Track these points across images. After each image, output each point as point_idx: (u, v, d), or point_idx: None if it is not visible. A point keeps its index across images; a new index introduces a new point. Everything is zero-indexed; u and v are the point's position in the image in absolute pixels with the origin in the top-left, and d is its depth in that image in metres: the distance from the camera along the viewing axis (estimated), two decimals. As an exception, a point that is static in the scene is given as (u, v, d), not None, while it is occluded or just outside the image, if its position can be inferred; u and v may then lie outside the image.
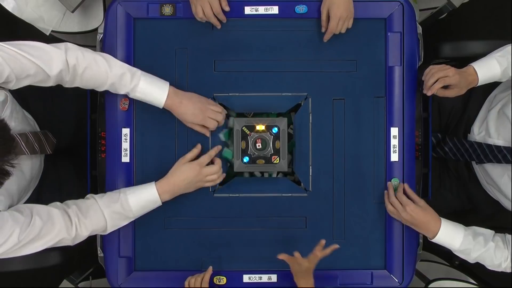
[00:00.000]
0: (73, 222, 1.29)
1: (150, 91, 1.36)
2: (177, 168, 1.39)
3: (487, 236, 1.43)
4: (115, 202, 1.34)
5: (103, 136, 1.50)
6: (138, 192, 1.36)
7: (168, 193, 1.38)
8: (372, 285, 1.50)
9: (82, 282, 1.84)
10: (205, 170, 1.40)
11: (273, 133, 1.49)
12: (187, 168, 1.39)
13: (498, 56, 1.41)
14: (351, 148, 1.49)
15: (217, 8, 1.42)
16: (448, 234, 1.42)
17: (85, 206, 1.32)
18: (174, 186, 1.38)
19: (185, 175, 1.38)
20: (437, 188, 1.67)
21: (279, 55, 1.49)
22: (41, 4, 1.70)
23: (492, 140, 1.50)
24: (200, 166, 1.39)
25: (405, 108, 1.49)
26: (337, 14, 1.41)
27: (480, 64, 1.42)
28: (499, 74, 1.41)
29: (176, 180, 1.38)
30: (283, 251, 1.48)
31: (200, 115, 1.40)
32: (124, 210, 1.34)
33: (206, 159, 1.41)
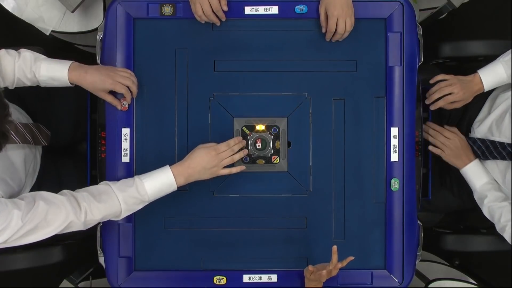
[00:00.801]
0: (82, 206, 1.27)
1: (53, 67, 1.36)
2: (194, 151, 1.38)
3: (508, 196, 1.48)
4: (130, 186, 1.32)
5: (103, 136, 1.50)
6: (154, 176, 1.35)
7: (183, 176, 1.36)
8: (372, 285, 1.50)
9: (82, 282, 1.84)
10: (221, 155, 1.37)
11: (273, 133, 1.49)
12: (202, 151, 1.37)
13: (504, 60, 1.44)
14: (351, 148, 1.49)
15: (216, 6, 1.42)
16: (477, 170, 1.52)
17: (97, 191, 1.31)
18: (189, 169, 1.36)
19: (200, 158, 1.36)
20: (437, 187, 1.67)
21: (279, 55, 1.49)
22: (41, 4, 1.70)
23: (495, 138, 1.50)
24: (216, 151, 1.37)
25: (405, 108, 1.49)
26: (334, 13, 1.41)
27: (486, 71, 1.46)
28: (505, 79, 1.44)
29: (191, 163, 1.36)
30: (283, 251, 1.49)
31: (109, 79, 1.38)
32: (139, 194, 1.33)
33: (224, 147, 1.38)
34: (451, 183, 1.69)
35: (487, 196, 1.48)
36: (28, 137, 1.40)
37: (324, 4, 1.43)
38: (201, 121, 1.49)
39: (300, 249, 1.49)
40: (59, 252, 1.55)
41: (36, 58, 1.36)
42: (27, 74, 1.35)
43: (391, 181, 1.49)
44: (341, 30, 1.43)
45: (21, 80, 1.36)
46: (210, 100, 1.50)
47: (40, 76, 1.36)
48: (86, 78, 1.37)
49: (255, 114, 1.50)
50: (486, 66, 1.48)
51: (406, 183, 1.49)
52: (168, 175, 1.35)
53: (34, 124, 1.47)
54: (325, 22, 1.45)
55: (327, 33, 1.46)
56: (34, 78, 1.36)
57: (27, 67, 1.34)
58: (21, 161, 1.40)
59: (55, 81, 1.37)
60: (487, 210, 1.50)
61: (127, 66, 1.47)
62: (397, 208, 1.50)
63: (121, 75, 1.41)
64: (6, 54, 1.34)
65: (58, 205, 1.24)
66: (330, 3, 1.41)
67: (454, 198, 1.69)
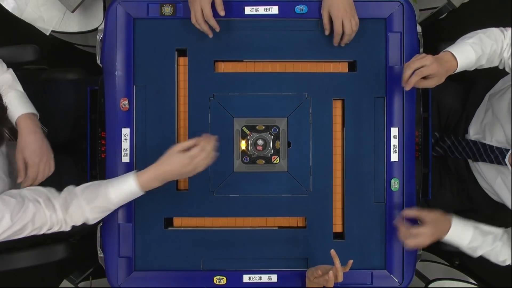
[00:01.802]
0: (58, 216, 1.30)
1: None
2: (168, 157, 1.33)
3: (496, 235, 1.43)
4: (96, 197, 1.32)
5: (103, 136, 1.50)
6: (120, 187, 1.32)
7: (153, 182, 1.33)
8: (372, 285, 1.50)
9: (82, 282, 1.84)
10: (195, 161, 1.32)
11: (273, 133, 1.49)
12: (176, 159, 1.32)
13: (472, 43, 1.35)
14: (351, 148, 1.49)
15: (207, 13, 1.38)
16: (457, 234, 1.41)
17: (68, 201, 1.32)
18: (159, 175, 1.32)
19: (174, 167, 1.32)
20: (437, 188, 1.67)
21: (279, 55, 1.49)
22: (41, 4, 1.70)
23: (486, 141, 1.49)
24: (191, 159, 1.32)
25: (405, 108, 1.49)
26: (338, 15, 1.41)
27: (456, 49, 1.36)
28: (473, 62, 1.36)
29: (163, 170, 1.32)
30: (283, 251, 1.49)
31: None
32: (106, 204, 1.33)
33: (197, 151, 1.32)
34: (450, 184, 1.69)
35: (477, 249, 1.43)
36: None
37: (327, 7, 1.42)
38: (201, 121, 1.49)
39: (300, 249, 1.49)
40: (63, 249, 1.55)
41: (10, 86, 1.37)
42: None
43: (391, 181, 1.49)
44: (349, 31, 1.43)
45: None
46: (210, 100, 1.50)
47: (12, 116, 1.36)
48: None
49: (255, 114, 1.50)
50: (454, 46, 1.38)
51: (406, 183, 1.49)
52: (133, 185, 1.32)
53: None
54: (328, 24, 1.45)
55: (335, 36, 1.45)
56: None
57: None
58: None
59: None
60: (481, 255, 1.46)
61: (127, 66, 1.47)
62: (397, 208, 1.50)
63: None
64: None
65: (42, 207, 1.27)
66: (333, 5, 1.41)
67: (453, 199, 1.69)
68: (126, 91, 1.48)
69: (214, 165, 1.48)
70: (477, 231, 1.42)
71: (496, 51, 1.37)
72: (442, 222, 1.42)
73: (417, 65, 1.31)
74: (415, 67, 1.32)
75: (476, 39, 1.36)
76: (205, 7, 1.38)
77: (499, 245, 1.41)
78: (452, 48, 1.37)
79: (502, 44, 1.37)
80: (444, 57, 1.35)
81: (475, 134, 1.55)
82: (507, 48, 1.37)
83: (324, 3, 1.43)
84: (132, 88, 1.49)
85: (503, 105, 1.44)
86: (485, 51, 1.35)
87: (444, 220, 1.42)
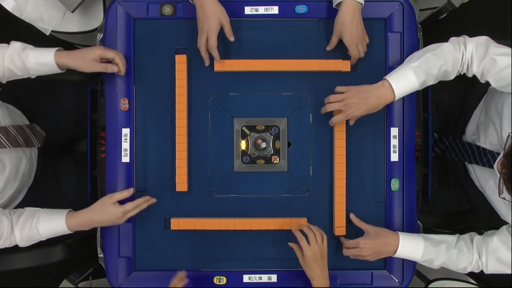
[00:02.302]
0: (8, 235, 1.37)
1: (40, 52, 1.36)
2: (102, 206, 1.40)
3: (450, 243, 1.40)
4: (28, 229, 1.36)
5: (103, 136, 1.50)
6: (50, 223, 1.37)
7: (81, 227, 1.40)
8: (372, 285, 1.50)
9: (82, 282, 1.84)
10: (126, 216, 1.40)
11: (273, 133, 1.49)
12: (111, 211, 1.39)
13: (416, 67, 1.30)
14: (351, 148, 1.49)
15: (212, 44, 1.39)
16: (408, 249, 1.40)
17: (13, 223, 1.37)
18: (91, 221, 1.40)
19: (106, 218, 1.39)
20: (436, 189, 1.67)
21: (279, 55, 1.49)
22: (41, 4, 1.70)
23: (480, 143, 1.49)
24: (124, 213, 1.39)
25: (405, 108, 1.49)
26: (352, 41, 1.41)
27: (396, 77, 1.32)
28: (416, 87, 1.32)
29: (94, 219, 1.39)
30: (283, 251, 1.49)
31: (98, 47, 1.40)
32: (34, 235, 1.37)
33: (131, 208, 1.40)
34: (449, 184, 1.68)
35: (433, 261, 1.41)
36: (20, 140, 1.40)
37: (339, 31, 1.42)
38: (201, 121, 1.49)
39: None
40: (60, 251, 1.55)
41: (24, 47, 1.37)
42: (16, 63, 1.35)
43: (391, 181, 1.49)
44: (362, 54, 1.44)
45: (12, 70, 1.36)
46: (210, 100, 1.50)
47: (28, 63, 1.36)
48: (75, 51, 1.39)
49: (255, 114, 1.50)
50: (393, 72, 1.33)
51: (406, 183, 1.49)
52: (62, 225, 1.38)
53: (28, 126, 1.47)
54: (334, 44, 1.46)
55: (352, 60, 1.46)
56: (24, 66, 1.36)
57: (15, 55, 1.35)
58: (13, 164, 1.40)
59: (43, 66, 1.37)
60: (442, 267, 1.45)
61: (127, 66, 1.47)
62: (397, 208, 1.50)
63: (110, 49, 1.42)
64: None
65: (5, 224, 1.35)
66: (346, 31, 1.41)
67: (452, 200, 1.68)
68: (126, 91, 1.48)
69: (214, 165, 1.49)
70: (428, 243, 1.40)
71: (448, 70, 1.32)
72: (386, 237, 1.41)
73: (333, 109, 1.37)
74: (329, 110, 1.38)
75: (422, 61, 1.31)
76: (211, 37, 1.38)
77: (454, 253, 1.39)
78: (392, 76, 1.33)
79: (455, 60, 1.32)
80: (378, 91, 1.33)
81: (471, 135, 1.55)
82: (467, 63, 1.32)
83: (337, 26, 1.42)
84: (132, 88, 1.49)
85: (494, 104, 1.43)
86: (431, 73, 1.31)
87: (389, 235, 1.41)
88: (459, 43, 1.34)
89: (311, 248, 1.37)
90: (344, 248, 1.45)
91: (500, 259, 1.37)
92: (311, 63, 1.47)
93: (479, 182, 1.53)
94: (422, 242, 1.40)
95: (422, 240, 1.40)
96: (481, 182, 1.52)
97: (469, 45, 1.32)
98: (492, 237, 1.38)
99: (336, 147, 1.48)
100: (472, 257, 1.39)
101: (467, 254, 1.39)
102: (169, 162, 1.48)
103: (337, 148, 1.48)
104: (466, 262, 1.39)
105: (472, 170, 1.56)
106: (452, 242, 1.41)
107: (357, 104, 1.33)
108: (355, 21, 1.39)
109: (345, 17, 1.39)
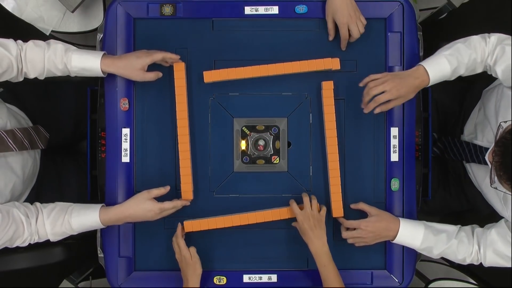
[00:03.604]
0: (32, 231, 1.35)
1: (85, 57, 1.36)
2: (139, 201, 1.38)
3: (450, 233, 1.41)
4: (60, 224, 1.35)
5: (103, 136, 1.50)
6: (83, 218, 1.36)
7: (115, 222, 1.39)
8: (372, 285, 1.50)
9: (82, 282, 1.84)
10: (162, 214, 1.39)
11: (273, 133, 1.49)
12: (148, 207, 1.37)
13: (448, 54, 1.34)
14: (351, 148, 1.49)
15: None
16: (407, 235, 1.40)
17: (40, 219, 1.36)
18: (125, 217, 1.38)
19: (142, 213, 1.37)
20: (435, 189, 1.67)
21: (279, 55, 1.49)
22: (41, 4, 1.70)
23: (477, 142, 1.49)
24: (161, 210, 1.38)
25: (405, 108, 1.49)
26: (343, 21, 1.41)
27: (430, 63, 1.35)
28: (449, 74, 1.35)
29: (130, 213, 1.37)
30: (283, 251, 1.49)
31: (143, 54, 1.38)
32: (66, 230, 1.37)
33: (169, 207, 1.39)
34: (449, 184, 1.69)
35: (432, 249, 1.41)
36: (26, 143, 1.40)
37: (331, 13, 1.43)
38: (201, 121, 1.49)
39: (300, 249, 1.49)
40: (60, 251, 1.55)
41: (66, 49, 1.35)
42: (58, 65, 1.35)
43: (391, 181, 1.49)
44: (357, 35, 1.43)
45: (51, 71, 1.36)
46: (210, 100, 1.50)
47: (72, 67, 1.35)
48: (121, 60, 1.37)
49: (255, 114, 1.50)
50: (429, 59, 1.37)
51: (406, 183, 1.49)
52: (96, 220, 1.36)
53: (33, 127, 1.47)
54: (333, 30, 1.46)
55: (342, 42, 1.46)
56: (65, 68, 1.36)
57: (57, 58, 1.34)
58: (20, 167, 1.40)
59: (86, 71, 1.37)
60: (440, 257, 1.46)
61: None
62: (397, 208, 1.50)
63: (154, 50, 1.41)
64: (34, 46, 1.34)
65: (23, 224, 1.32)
66: (337, 12, 1.41)
67: (452, 199, 1.69)
68: (126, 91, 1.48)
69: (214, 165, 1.49)
70: (428, 230, 1.40)
71: (476, 59, 1.35)
72: (388, 221, 1.41)
73: (376, 92, 1.32)
74: (373, 94, 1.32)
75: (453, 50, 1.35)
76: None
77: (454, 243, 1.39)
78: (426, 62, 1.36)
79: (483, 51, 1.35)
80: (415, 73, 1.34)
81: (469, 134, 1.55)
82: (490, 54, 1.34)
83: (328, 9, 1.43)
84: (132, 88, 1.49)
85: (491, 102, 1.43)
86: (462, 61, 1.34)
87: (390, 220, 1.42)
88: (486, 35, 1.36)
89: (303, 212, 1.39)
90: (343, 229, 1.45)
91: (498, 252, 1.37)
92: (300, 65, 1.45)
93: (476, 180, 1.54)
94: (423, 229, 1.40)
95: (423, 228, 1.41)
96: (478, 180, 1.52)
97: (493, 37, 1.35)
98: (491, 230, 1.39)
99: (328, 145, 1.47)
100: (472, 248, 1.39)
101: (467, 245, 1.39)
102: (169, 162, 1.48)
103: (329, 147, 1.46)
104: (466, 253, 1.40)
105: (470, 169, 1.57)
106: (453, 232, 1.41)
107: (398, 84, 1.32)
108: (345, 0, 1.39)
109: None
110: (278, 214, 1.45)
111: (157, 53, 1.39)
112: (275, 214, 1.45)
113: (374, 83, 1.34)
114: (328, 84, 1.45)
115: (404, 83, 1.32)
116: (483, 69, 1.39)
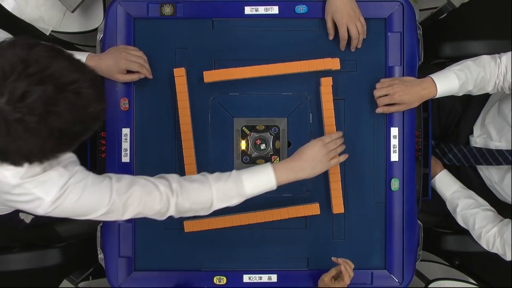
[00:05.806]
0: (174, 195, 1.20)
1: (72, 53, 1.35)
2: (300, 148, 1.29)
3: (480, 203, 1.47)
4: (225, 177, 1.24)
5: (103, 136, 1.50)
6: (256, 179, 1.25)
7: (287, 173, 1.26)
8: (372, 285, 1.50)
9: (82, 282, 1.84)
10: (328, 145, 1.30)
11: (273, 133, 1.49)
12: (309, 144, 1.29)
13: (457, 69, 1.39)
14: (351, 148, 1.49)
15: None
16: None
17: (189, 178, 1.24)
18: (298, 163, 1.27)
19: (309, 150, 1.28)
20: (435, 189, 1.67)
21: (279, 55, 1.49)
22: (41, 4, 1.70)
23: (493, 143, 1.49)
24: (323, 141, 1.29)
25: (405, 108, 1.49)
26: (342, 21, 1.41)
27: (439, 75, 1.39)
28: (456, 88, 1.39)
29: (301, 156, 1.27)
30: (283, 251, 1.49)
31: (122, 59, 1.39)
32: (235, 184, 1.25)
33: (328, 139, 1.31)
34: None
35: (458, 204, 1.48)
36: None
37: (330, 13, 1.43)
38: (201, 121, 1.49)
39: (300, 249, 1.49)
40: (57, 254, 1.55)
41: None
42: None
43: (391, 181, 1.49)
44: (355, 35, 1.43)
45: None
46: (210, 100, 1.50)
47: None
48: (101, 64, 1.39)
49: (255, 114, 1.50)
50: (438, 72, 1.41)
51: (406, 183, 1.49)
52: (268, 172, 1.25)
53: None
54: (333, 29, 1.46)
55: (341, 42, 1.46)
56: None
57: None
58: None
59: None
60: (460, 218, 1.50)
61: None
62: (397, 208, 1.50)
63: (133, 54, 1.42)
64: None
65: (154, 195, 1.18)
66: (336, 12, 1.41)
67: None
68: (126, 91, 1.48)
69: (214, 165, 1.49)
70: (463, 189, 1.51)
71: (485, 78, 1.38)
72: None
73: (380, 94, 1.41)
74: (376, 95, 1.41)
75: (463, 66, 1.40)
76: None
77: (478, 211, 1.45)
78: (435, 75, 1.40)
79: (493, 71, 1.38)
80: (423, 83, 1.40)
81: (481, 135, 1.55)
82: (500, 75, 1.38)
83: (327, 9, 1.43)
84: (132, 88, 1.49)
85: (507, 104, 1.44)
86: (471, 77, 1.37)
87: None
88: (496, 56, 1.40)
89: None
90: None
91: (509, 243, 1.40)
92: (300, 65, 1.45)
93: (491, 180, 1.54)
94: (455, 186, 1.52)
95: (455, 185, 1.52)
96: (496, 180, 1.53)
97: (504, 57, 1.38)
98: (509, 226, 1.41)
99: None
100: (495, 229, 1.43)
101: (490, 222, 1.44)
102: (169, 162, 1.48)
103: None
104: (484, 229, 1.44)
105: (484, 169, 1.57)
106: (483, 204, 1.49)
107: (404, 90, 1.38)
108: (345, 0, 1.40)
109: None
110: (278, 214, 1.45)
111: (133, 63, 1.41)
112: (275, 214, 1.45)
113: (381, 85, 1.40)
114: (327, 80, 1.45)
115: (410, 90, 1.38)
116: (495, 90, 1.42)
